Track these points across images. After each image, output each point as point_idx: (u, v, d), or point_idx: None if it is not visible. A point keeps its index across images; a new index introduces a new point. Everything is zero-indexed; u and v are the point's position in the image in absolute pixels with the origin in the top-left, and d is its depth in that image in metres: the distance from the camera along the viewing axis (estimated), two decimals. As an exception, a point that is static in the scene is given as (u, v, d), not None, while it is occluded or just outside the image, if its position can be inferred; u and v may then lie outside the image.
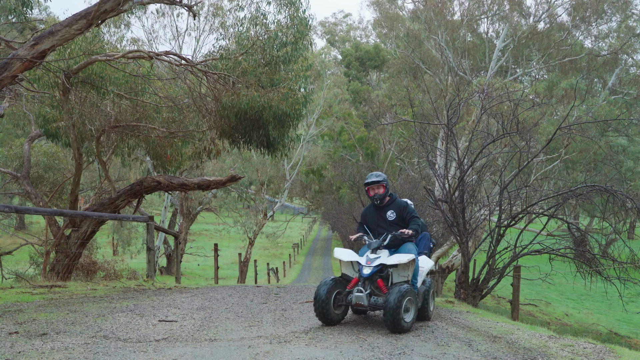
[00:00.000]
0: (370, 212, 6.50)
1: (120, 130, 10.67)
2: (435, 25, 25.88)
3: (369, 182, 6.34)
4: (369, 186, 6.35)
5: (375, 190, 6.34)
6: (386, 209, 6.41)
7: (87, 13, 7.34)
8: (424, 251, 6.89)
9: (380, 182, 6.33)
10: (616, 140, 22.77)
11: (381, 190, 6.32)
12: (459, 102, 11.54)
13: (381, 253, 5.98)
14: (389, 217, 6.33)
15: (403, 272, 5.94)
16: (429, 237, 7.15)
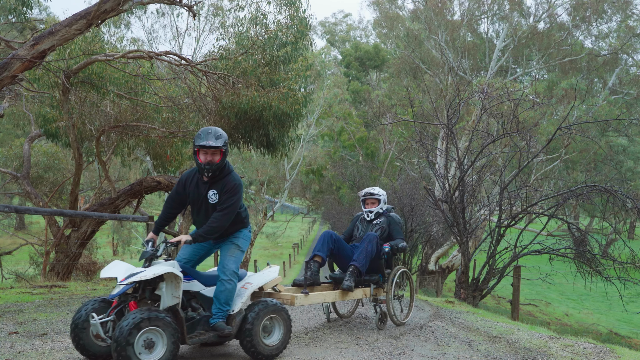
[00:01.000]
0: (191, 180, 4.52)
1: (120, 130, 10.67)
2: (435, 25, 25.88)
3: (203, 145, 4.27)
4: (202, 149, 4.31)
5: (209, 158, 4.31)
6: (210, 186, 4.46)
7: (87, 13, 7.34)
8: (361, 261, 5.76)
9: (219, 148, 4.30)
10: (616, 140, 22.76)
11: (217, 159, 4.32)
12: (459, 102, 11.54)
13: (157, 264, 4.35)
14: (210, 199, 4.43)
15: (173, 290, 4.24)
16: (374, 240, 5.90)
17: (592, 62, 24.95)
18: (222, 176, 4.41)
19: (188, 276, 4.47)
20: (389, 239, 6.20)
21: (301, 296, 5.24)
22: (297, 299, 5.16)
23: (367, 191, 6.40)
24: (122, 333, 3.78)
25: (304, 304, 5.27)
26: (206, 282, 4.61)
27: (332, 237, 5.94)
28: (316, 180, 40.31)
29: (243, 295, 4.71)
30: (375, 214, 6.32)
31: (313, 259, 5.81)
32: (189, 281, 4.50)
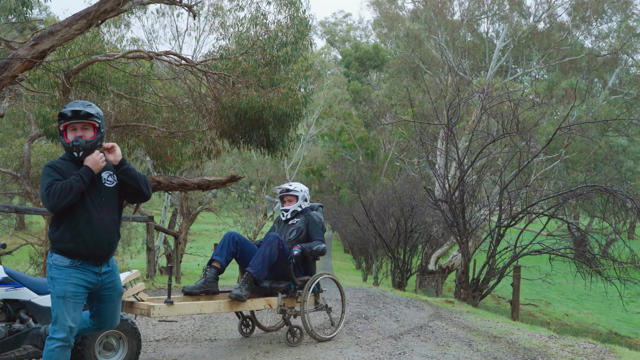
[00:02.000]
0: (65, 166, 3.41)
1: (120, 130, 10.66)
2: (435, 25, 25.87)
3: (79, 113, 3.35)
4: (78, 122, 3.37)
5: (79, 133, 3.39)
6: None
7: (87, 13, 7.33)
8: (256, 267, 5.01)
9: (93, 117, 3.39)
10: (616, 140, 22.76)
11: (90, 136, 3.40)
12: (459, 102, 11.54)
13: None
14: (106, 182, 3.47)
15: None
16: (274, 241, 5.08)
17: (592, 62, 24.95)
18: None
19: (15, 283, 3.95)
20: (308, 240, 5.41)
21: (162, 306, 4.44)
22: (154, 310, 4.36)
23: (284, 187, 5.64)
24: None
25: (166, 315, 4.49)
26: (39, 289, 4.02)
27: (234, 240, 5.15)
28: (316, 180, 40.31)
29: None
30: (292, 213, 5.54)
31: (210, 265, 5.04)
32: (16, 289, 3.94)
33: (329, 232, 63.51)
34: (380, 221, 17.67)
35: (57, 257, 3.29)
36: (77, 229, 3.27)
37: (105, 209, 3.38)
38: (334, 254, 38.86)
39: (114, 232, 3.43)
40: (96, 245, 3.32)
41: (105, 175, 3.44)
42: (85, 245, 3.29)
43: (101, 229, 3.33)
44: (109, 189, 3.44)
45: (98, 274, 3.38)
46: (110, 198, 3.43)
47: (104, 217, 3.36)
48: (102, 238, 3.34)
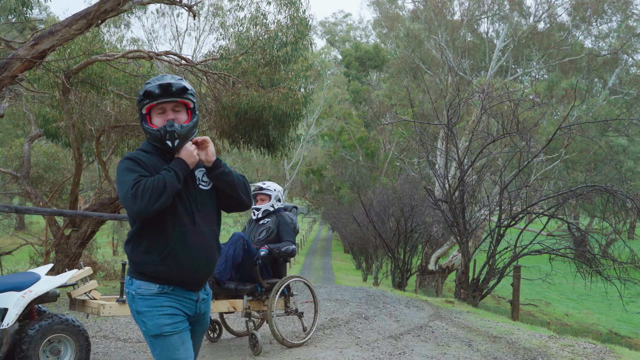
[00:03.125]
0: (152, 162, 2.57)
1: (120, 130, 10.66)
2: (435, 25, 25.87)
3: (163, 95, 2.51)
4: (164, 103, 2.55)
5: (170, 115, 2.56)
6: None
7: (87, 13, 7.34)
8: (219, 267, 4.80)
9: (187, 94, 2.58)
10: (616, 140, 22.76)
11: (184, 119, 2.59)
12: (459, 102, 11.54)
13: None
14: (201, 183, 2.64)
15: None
16: (238, 241, 4.91)
17: (592, 62, 24.95)
18: None
19: None
20: (278, 241, 5.19)
21: (113, 305, 4.26)
22: (104, 309, 4.20)
23: (257, 185, 5.44)
24: None
25: (117, 314, 4.30)
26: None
27: None
28: (316, 180, 40.31)
29: (19, 306, 3.82)
30: (264, 213, 5.34)
31: None
32: None
33: (328, 232, 63.58)
34: (380, 221, 17.67)
35: (141, 283, 2.46)
36: (168, 247, 2.42)
37: (202, 219, 2.52)
38: (334, 254, 38.85)
39: (214, 247, 2.57)
40: (193, 267, 2.48)
41: (199, 174, 2.60)
42: (179, 267, 2.44)
43: (199, 245, 2.48)
44: (205, 192, 2.59)
45: (196, 301, 2.56)
46: (207, 204, 2.58)
47: (202, 229, 2.50)
48: (201, 256, 2.49)
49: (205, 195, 2.60)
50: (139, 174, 2.43)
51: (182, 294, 2.51)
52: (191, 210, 2.51)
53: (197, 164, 2.62)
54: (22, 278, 3.98)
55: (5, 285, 3.87)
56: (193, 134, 2.62)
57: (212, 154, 2.60)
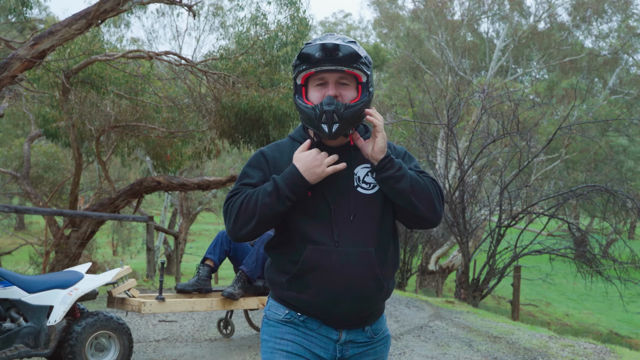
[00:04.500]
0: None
1: (120, 130, 10.66)
2: (435, 25, 25.87)
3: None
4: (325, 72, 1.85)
5: (331, 90, 1.85)
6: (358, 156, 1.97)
7: (86, 13, 7.32)
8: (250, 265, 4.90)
9: (360, 62, 1.85)
10: (617, 140, 22.74)
11: (352, 97, 1.87)
12: (459, 102, 11.53)
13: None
14: (361, 184, 1.93)
15: None
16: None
17: (592, 62, 24.94)
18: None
19: (5, 282, 3.95)
20: None
21: (153, 303, 4.38)
22: (145, 306, 4.33)
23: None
24: None
25: (157, 312, 4.43)
26: (29, 288, 3.96)
27: (227, 238, 5.01)
28: (316, 180, 40.28)
29: (66, 303, 3.97)
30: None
31: (203, 263, 5.02)
32: (6, 288, 3.91)
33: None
34: (381, 221, 17.63)
35: (272, 304, 1.97)
36: (296, 267, 1.85)
37: (351, 234, 1.84)
38: (334, 254, 38.82)
39: (367, 276, 1.83)
40: (328, 298, 1.84)
41: (361, 171, 1.91)
42: (312, 293, 1.86)
43: (339, 270, 1.81)
44: (365, 197, 1.88)
45: (336, 342, 1.91)
46: (365, 214, 1.86)
47: (347, 249, 1.82)
48: (339, 285, 1.82)
49: (364, 202, 1.87)
50: (248, 181, 1.90)
51: (317, 329, 1.89)
52: (337, 220, 1.84)
53: (359, 155, 1.90)
54: (67, 276, 4.13)
55: (50, 283, 4.02)
56: (361, 119, 1.88)
57: (380, 148, 1.84)
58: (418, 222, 1.94)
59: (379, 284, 1.86)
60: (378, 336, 1.97)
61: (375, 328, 1.97)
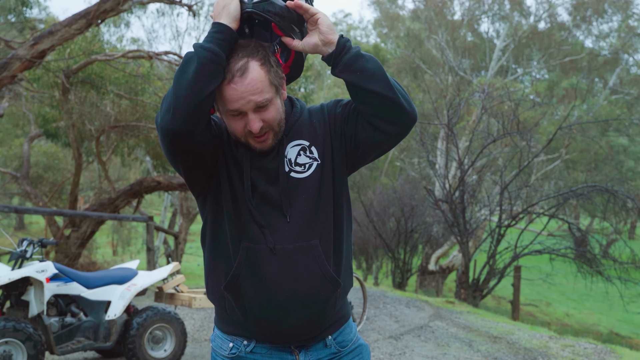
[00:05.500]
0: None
1: (120, 130, 10.65)
2: (435, 25, 25.87)
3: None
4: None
5: None
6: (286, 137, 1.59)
7: (86, 13, 7.32)
8: None
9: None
10: (617, 140, 22.74)
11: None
12: (459, 101, 11.52)
13: (28, 266, 3.97)
14: (293, 166, 1.57)
15: (40, 295, 3.90)
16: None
17: (592, 62, 24.94)
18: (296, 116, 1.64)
19: (65, 278, 4.10)
20: None
21: (202, 298, 4.58)
22: (195, 301, 4.53)
23: None
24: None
25: (206, 306, 4.63)
26: (88, 284, 4.15)
27: None
28: (316, 180, 40.25)
29: (125, 298, 4.15)
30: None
31: None
32: (67, 284, 4.07)
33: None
34: (381, 221, 17.65)
35: (217, 334, 1.66)
36: (230, 273, 1.54)
37: (291, 230, 1.52)
38: (334, 254, 38.84)
39: (320, 274, 1.52)
40: (276, 306, 1.52)
41: (291, 151, 1.56)
42: (253, 304, 1.54)
43: (283, 271, 1.51)
44: (301, 182, 1.55)
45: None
46: (303, 203, 1.54)
47: (287, 246, 1.52)
48: (285, 290, 1.51)
49: (300, 189, 1.54)
50: None
51: (268, 355, 1.58)
52: (270, 213, 1.53)
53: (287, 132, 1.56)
54: (122, 273, 4.34)
55: (107, 280, 4.24)
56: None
57: (328, 27, 1.48)
58: (397, 117, 1.50)
59: (332, 282, 1.53)
60: (347, 348, 1.63)
61: (341, 340, 1.62)
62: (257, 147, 1.50)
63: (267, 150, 1.52)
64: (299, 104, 1.63)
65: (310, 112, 1.61)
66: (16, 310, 3.93)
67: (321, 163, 1.56)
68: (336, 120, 1.59)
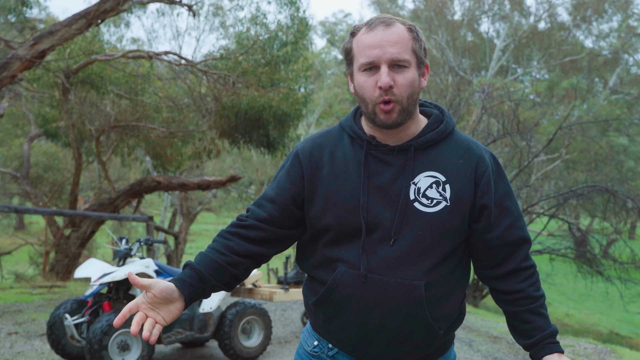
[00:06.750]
0: (334, 155, 1.51)
1: (120, 130, 10.65)
2: (435, 25, 25.87)
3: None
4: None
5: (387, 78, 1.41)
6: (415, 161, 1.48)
7: (86, 13, 7.32)
8: None
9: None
10: (617, 140, 22.73)
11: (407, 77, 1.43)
12: (459, 101, 11.53)
13: (131, 263, 4.33)
14: (419, 198, 1.45)
15: None
16: None
17: (592, 62, 24.94)
18: (439, 136, 1.50)
19: (165, 274, 4.36)
20: None
21: (280, 292, 5.01)
22: (275, 295, 4.94)
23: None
24: (95, 336, 3.73)
25: (284, 299, 5.07)
26: None
27: None
28: (316, 180, 40.26)
29: (220, 293, 4.37)
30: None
31: None
32: (166, 279, 4.24)
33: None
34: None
35: (307, 329, 1.65)
36: (323, 291, 1.50)
37: (394, 260, 1.43)
38: (334, 254, 38.83)
39: (416, 318, 1.43)
40: (359, 334, 1.48)
41: (423, 181, 1.45)
42: (338, 325, 1.51)
43: (369, 301, 1.44)
44: (424, 216, 1.44)
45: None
46: (418, 237, 1.43)
47: (387, 279, 1.42)
48: (372, 322, 1.45)
49: (420, 223, 1.44)
50: (267, 195, 1.57)
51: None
52: (379, 241, 1.44)
53: (422, 157, 1.48)
54: None
55: None
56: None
57: None
58: None
59: (429, 329, 1.43)
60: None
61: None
62: (382, 118, 1.41)
63: (391, 124, 1.42)
64: (450, 122, 1.51)
65: (463, 148, 1.49)
66: (123, 304, 4.19)
67: (450, 206, 1.44)
68: (478, 196, 1.47)
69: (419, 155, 1.46)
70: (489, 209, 1.46)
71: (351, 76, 1.49)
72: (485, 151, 1.51)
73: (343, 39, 53.49)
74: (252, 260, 1.52)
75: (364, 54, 1.41)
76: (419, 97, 1.49)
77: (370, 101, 1.42)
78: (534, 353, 1.46)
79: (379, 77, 1.39)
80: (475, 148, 1.50)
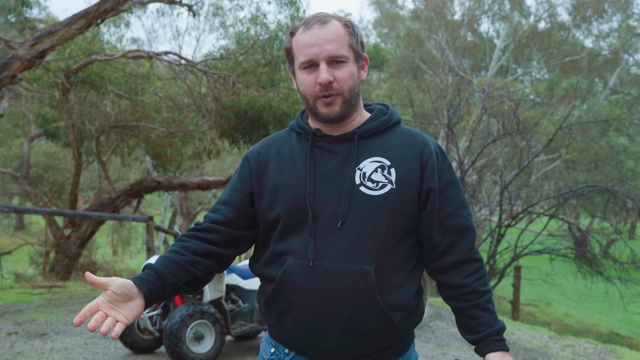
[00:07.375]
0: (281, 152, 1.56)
1: (120, 130, 10.65)
2: (435, 25, 25.87)
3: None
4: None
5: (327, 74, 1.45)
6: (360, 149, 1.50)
7: (86, 13, 7.32)
8: None
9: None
10: (617, 140, 22.74)
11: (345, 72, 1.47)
12: (459, 101, 11.52)
13: None
14: (365, 181, 1.45)
15: (216, 284, 4.43)
16: None
17: (592, 62, 24.94)
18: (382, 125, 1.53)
19: (227, 270, 4.59)
20: None
21: None
22: None
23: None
24: (173, 328, 4.04)
25: None
26: (244, 275, 4.74)
27: None
28: (316, 180, 40.20)
29: None
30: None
31: None
32: (228, 275, 4.68)
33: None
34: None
35: (265, 336, 1.63)
36: (273, 286, 1.47)
37: (344, 246, 1.41)
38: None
39: (368, 304, 1.40)
40: (312, 328, 1.44)
41: (368, 166, 1.46)
42: (290, 321, 1.47)
43: (325, 293, 1.40)
44: (370, 199, 1.43)
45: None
46: (367, 221, 1.43)
47: (337, 266, 1.40)
48: (324, 313, 1.41)
49: (367, 207, 1.43)
50: (222, 198, 1.57)
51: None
52: (325, 229, 1.43)
53: (367, 144, 1.50)
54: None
55: (248, 273, 4.73)
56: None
57: None
58: None
59: (382, 317, 1.40)
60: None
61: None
62: (324, 112, 1.45)
63: (334, 117, 1.46)
64: (394, 115, 1.55)
65: (408, 136, 1.52)
66: (187, 297, 4.39)
67: (395, 189, 1.44)
68: (424, 180, 1.47)
69: (364, 143, 1.49)
70: (434, 192, 1.47)
71: (294, 74, 1.55)
72: (430, 140, 1.54)
73: (343, 39, 53.45)
74: (212, 260, 1.51)
75: (303, 53, 1.46)
76: (361, 91, 1.53)
77: (311, 97, 1.47)
78: (479, 349, 1.49)
79: (318, 74, 1.44)
80: (420, 136, 1.54)
